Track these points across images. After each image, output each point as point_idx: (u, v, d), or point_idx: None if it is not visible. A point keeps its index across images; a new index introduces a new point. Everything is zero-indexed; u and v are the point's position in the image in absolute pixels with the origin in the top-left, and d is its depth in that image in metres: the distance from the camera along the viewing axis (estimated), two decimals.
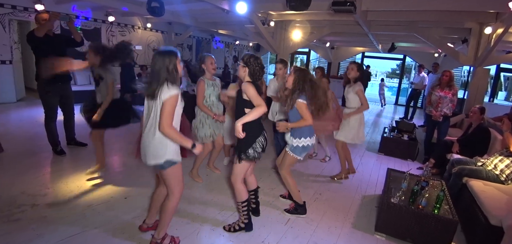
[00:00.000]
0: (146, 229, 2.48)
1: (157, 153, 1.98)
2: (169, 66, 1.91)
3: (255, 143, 2.37)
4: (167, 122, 1.88)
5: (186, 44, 12.22)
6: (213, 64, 3.22)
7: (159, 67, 1.90)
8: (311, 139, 2.82)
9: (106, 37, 8.99)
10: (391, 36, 8.96)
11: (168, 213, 2.18)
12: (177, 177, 2.11)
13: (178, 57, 1.99)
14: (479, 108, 4.31)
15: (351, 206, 3.36)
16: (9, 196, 2.85)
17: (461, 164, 3.60)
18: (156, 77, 1.91)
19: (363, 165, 4.77)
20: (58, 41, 3.92)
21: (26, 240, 2.27)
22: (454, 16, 5.56)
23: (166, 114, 1.88)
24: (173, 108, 1.91)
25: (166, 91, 1.89)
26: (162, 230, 2.23)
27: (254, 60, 2.37)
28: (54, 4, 7.35)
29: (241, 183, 2.54)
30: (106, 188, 3.22)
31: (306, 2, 4.41)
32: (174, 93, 1.90)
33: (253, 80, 2.38)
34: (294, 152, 2.80)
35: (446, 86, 4.54)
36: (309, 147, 2.83)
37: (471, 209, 2.95)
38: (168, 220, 2.23)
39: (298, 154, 2.82)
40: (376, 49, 11.60)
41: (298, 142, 2.78)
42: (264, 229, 2.74)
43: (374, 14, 6.30)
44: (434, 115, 4.62)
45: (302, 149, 2.80)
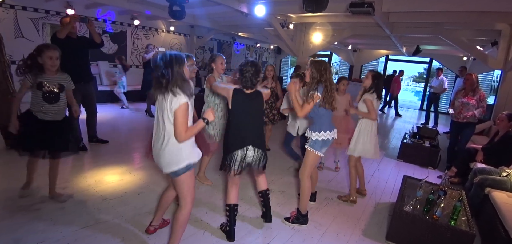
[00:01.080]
0: (154, 230, 2.48)
1: (172, 160, 1.94)
2: (175, 70, 1.86)
3: (229, 155, 2.32)
4: (182, 131, 1.86)
5: (208, 47, 12.46)
6: (223, 64, 3.21)
7: (165, 71, 1.86)
8: (331, 133, 2.71)
9: (131, 39, 9.38)
10: (416, 38, 8.63)
11: (181, 225, 2.10)
12: (190, 184, 2.06)
13: (185, 62, 1.96)
14: (507, 115, 4.05)
15: (363, 212, 3.26)
16: (33, 187, 3.04)
17: (484, 174, 3.39)
18: (163, 80, 1.87)
19: (380, 171, 4.62)
20: (79, 43, 4.11)
21: (42, 229, 2.41)
22: (482, 17, 5.24)
23: (180, 124, 1.86)
24: (186, 117, 1.89)
25: (174, 100, 1.85)
26: (175, 243, 2.16)
27: (245, 66, 2.30)
28: (84, 9, 7.77)
29: (232, 186, 2.49)
30: (121, 184, 3.35)
31: (323, 4, 4.36)
32: (183, 102, 1.86)
33: (245, 87, 2.32)
34: (314, 146, 2.69)
35: (470, 92, 4.29)
36: (330, 141, 2.72)
37: (493, 222, 2.77)
38: (181, 233, 2.14)
39: (318, 148, 2.69)
40: (400, 52, 11.20)
41: (317, 135, 2.66)
42: (270, 231, 2.73)
43: (396, 15, 6.10)
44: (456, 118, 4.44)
45: (322, 143, 2.68)
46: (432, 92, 8.67)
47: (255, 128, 2.40)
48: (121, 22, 8.92)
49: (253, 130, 2.38)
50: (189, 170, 2.02)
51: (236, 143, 2.32)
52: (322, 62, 2.65)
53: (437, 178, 4.50)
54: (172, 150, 1.94)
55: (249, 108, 2.35)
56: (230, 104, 2.29)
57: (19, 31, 6.82)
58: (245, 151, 2.34)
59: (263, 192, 2.76)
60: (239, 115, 2.32)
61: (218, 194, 3.35)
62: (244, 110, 2.33)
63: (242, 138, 2.33)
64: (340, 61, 15.31)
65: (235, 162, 2.33)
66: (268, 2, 6.05)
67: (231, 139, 2.33)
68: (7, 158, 3.82)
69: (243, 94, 2.32)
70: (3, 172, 3.43)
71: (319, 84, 2.59)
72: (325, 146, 2.73)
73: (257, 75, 2.33)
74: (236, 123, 2.33)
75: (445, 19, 5.73)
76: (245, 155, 2.35)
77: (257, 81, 2.36)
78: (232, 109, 2.30)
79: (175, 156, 1.94)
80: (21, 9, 6.79)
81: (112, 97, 7.93)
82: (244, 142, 2.33)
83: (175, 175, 1.99)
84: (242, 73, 2.30)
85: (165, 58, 1.88)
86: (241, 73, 2.30)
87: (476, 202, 3.20)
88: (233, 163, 2.33)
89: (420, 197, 2.91)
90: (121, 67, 7.49)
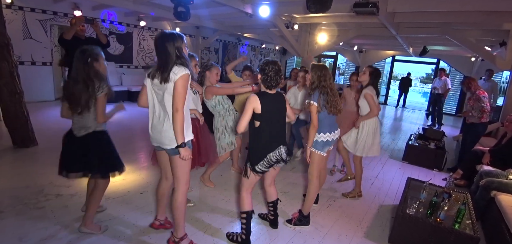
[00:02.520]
0: (159, 225, 2.52)
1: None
2: (177, 47, 1.89)
3: (264, 160, 2.28)
4: (180, 104, 1.86)
5: (213, 48, 12.51)
6: (218, 75, 3.06)
7: (167, 49, 1.88)
8: (331, 134, 2.72)
9: (138, 40, 9.48)
10: (422, 39, 8.52)
11: (179, 208, 2.15)
12: (186, 165, 2.09)
13: (184, 41, 1.97)
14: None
15: (366, 215, 3.23)
16: (38, 185, 3.10)
17: (490, 176, 3.32)
18: (165, 60, 1.88)
19: (385, 173, 4.57)
20: (86, 43, 4.12)
21: (46, 227, 2.45)
22: (490, 17, 5.14)
23: (178, 95, 1.86)
24: (185, 89, 1.89)
25: (176, 72, 1.86)
26: (179, 229, 2.21)
27: (267, 65, 2.25)
28: (91, 10, 7.88)
29: (247, 192, 2.42)
30: (124, 183, 3.38)
31: (326, 4, 4.34)
32: (185, 73, 1.87)
33: (268, 87, 2.27)
34: (315, 147, 2.71)
35: (469, 93, 4.36)
36: (330, 142, 2.73)
37: (498, 226, 2.71)
38: (182, 216, 2.19)
39: (320, 149, 2.71)
40: (407, 53, 11.07)
41: (317, 136, 2.69)
42: (271, 232, 2.72)
43: (402, 15, 6.03)
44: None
45: (322, 145, 2.70)
46: (436, 93, 8.57)
47: (283, 127, 2.41)
48: (127, 23, 9.02)
49: (281, 129, 2.38)
50: (191, 146, 2.05)
51: (270, 146, 2.28)
52: (322, 67, 2.65)
53: (442, 180, 4.43)
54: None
55: (276, 110, 2.32)
56: (259, 109, 2.19)
57: (27, 32, 6.95)
58: (278, 152, 2.31)
59: (274, 202, 2.68)
60: (269, 118, 2.26)
61: (219, 195, 3.35)
62: (272, 112, 2.28)
63: (275, 140, 2.30)
64: (346, 62, 15.21)
65: (270, 163, 2.29)
66: (272, 2, 6.04)
67: (263, 143, 2.27)
68: (13, 156, 3.90)
69: (268, 96, 2.26)
70: (8, 170, 3.49)
71: (315, 91, 2.60)
72: (326, 147, 2.73)
73: (279, 73, 2.28)
74: (266, 126, 2.26)
75: (452, 19, 5.63)
76: (280, 154, 2.33)
77: (281, 79, 2.31)
78: (262, 114, 2.21)
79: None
80: (30, 10, 6.92)
81: (117, 97, 8.02)
82: (277, 143, 2.31)
83: (176, 153, 2.00)
84: (264, 72, 2.24)
85: (166, 35, 1.93)
86: (263, 73, 2.25)
87: (481, 205, 3.14)
88: (266, 166, 2.29)
89: (424, 199, 2.87)
90: None
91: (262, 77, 2.27)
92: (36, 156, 3.96)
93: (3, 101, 4.01)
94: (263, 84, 2.29)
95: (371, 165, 4.82)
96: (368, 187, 3.95)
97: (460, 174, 4.09)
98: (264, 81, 2.27)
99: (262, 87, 2.32)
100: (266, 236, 2.67)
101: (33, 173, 3.41)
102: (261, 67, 2.28)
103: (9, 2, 6.31)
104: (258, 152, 2.29)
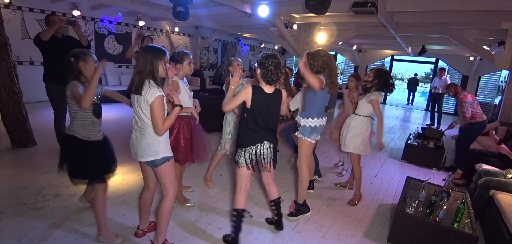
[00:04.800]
0: (142, 234, 2.46)
1: (150, 150, 1.97)
2: (154, 64, 1.88)
3: (243, 150, 2.27)
4: (160, 124, 1.87)
5: (212, 48, 12.50)
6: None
7: (143, 64, 1.87)
8: (319, 120, 2.76)
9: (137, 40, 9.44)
10: (421, 38, 8.55)
11: (165, 215, 2.13)
12: (171, 174, 2.09)
13: (166, 56, 1.95)
14: None
15: (365, 214, 3.24)
16: (37, 186, 3.09)
17: (489, 175, 3.33)
18: (139, 73, 1.88)
19: (384, 173, 4.57)
20: (65, 44, 3.77)
21: (45, 227, 2.45)
22: (489, 16, 5.16)
23: (158, 118, 1.86)
24: (162, 109, 1.90)
25: (149, 93, 1.85)
26: (161, 235, 2.18)
27: (266, 59, 2.19)
28: (89, 10, 7.88)
29: (240, 190, 2.36)
30: (123, 183, 3.38)
31: (326, 4, 4.33)
32: (159, 94, 1.86)
33: (268, 82, 2.22)
34: (303, 133, 2.75)
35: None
36: (318, 128, 2.76)
37: (497, 225, 2.72)
38: (166, 223, 2.17)
39: (307, 135, 2.75)
40: (406, 53, 11.09)
41: (305, 121, 2.73)
42: (270, 231, 2.72)
43: (401, 15, 6.05)
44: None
45: (311, 130, 2.74)
46: (434, 92, 8.58)
47: (272, 125, 2.35)
48: (126, 23, 9.01)
49: (269, 127, 2.32)
50: (168, 161, 2.04)
51: (253, 139, 2.26)
52: (319, 51, 2.69)
53: (442, 180, 4.44)
54: (150, 141, 1.97)
55: (268, 108, 2.26)
56: (249, 103, 2.19)
57: (26, 32, 6.93)
58: (260, 147, 2.29)
59: (276, 200, 2.62)
60: (258, 113, 2.23)
61: (219, 196, 3.35)
62: (262, 108, 2.23)
63: (260, 134, 2.28)
64: (345, 62, 15.23)
65: (251, 157, 2.28)
66: (271, 2, 6.04)
67: (246, 134, 2.26)
68: (11, 157, 3.89)
69: (262, 93, 2.22)
70: (7, 171, 3.48)
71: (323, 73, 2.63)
72: (314, 133, 2.77)
73: (280, 67, 2.23)
74: (252, 120, 2.23)
75: (450, 19, 5.65)
76: (261, 150, 2.30)
77: (281, 74, 2.27)
78: (251, 107, 2.20)
79: (153, 146, 1.97)
80: (28, 10, 6.91)
81: None
82: (261, 139, 2.29)
83: (153, 165, 2.02)
84: (264, 66, 2.19)
85: (147, 49, 1.93)
86: (263, 67, 2.19)
87: (480, 204, 3.15)
88: (248, 158, 2.28)
89: (423, 198, 2.87)
90: None
91: (261, 72, 2.21)
92: (35, 156, 3.95)
93: (2, 101, 3.99)
94: (262, 79, 2.23)
95: (370, 164, 4.83)
96: (367, 186, 3.95)
97: (460, 174, 4.09)
98: (264, 76, 2.21)
99: (260, 82, 2.26)
100: (265, 235, 2.66)
101: (32, 173, 3.40)
102: (260, 61, 2.22)
103: (8, 2, 6.29)
104: (239, 143, 2.30)
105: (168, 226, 2.56)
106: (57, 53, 3.48)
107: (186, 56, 2.54)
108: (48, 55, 3.76)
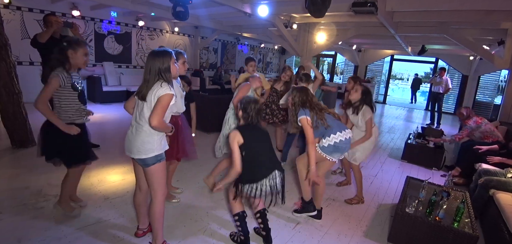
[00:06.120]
0: (142, 234, 2.46)
1: (143, 148, 1.97)
2: (162, 67, 1.90)
3: (250, 183, 2.21)
4: (159, 117, 1.87)
5: (212, 47, 12.50)
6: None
7: (152, 68, 1.91)
8: (341, 134, 2.67)
9: (136, 40, 9.46)
10: (421, 38, 8.56)
11: (157, 218, 2.14)
12: (161, 177, 2.09)
13: (173, 57, 1.98)
14: None
15: (365, 214, 3.24)
16: (37, 186, 3.09)
17: (489, 175, 3.33)
18: (148, 78, 1.91)
19: (384, 172, 4.57)
20: (61, 42, 3.88)
21: (44, 227, 2.44)
22: (488, 16, 5.17)
23: (159, 109, 1.86)
24: (167, 106, 1.91)
25: (160, 89, 1.88)
26: (157, 237, 2.20)
27: (248, 104, 2.25)
28: (89, 10, 7.88)
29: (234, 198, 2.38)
30: (123, 183, 3.38)
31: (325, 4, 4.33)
32: (169, 92, 1.89)
33: (248, 124, 2.26)
34: (324, 150, 2.70)
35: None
36: (343, 142, 2.66)
37: (497, 224, 2.72)
38: (160, 225, 2.18)
39: (328, 153, 2.67)
40: (406, 52, 11.10)
41: (328, 140, 2.66)
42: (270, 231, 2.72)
43: (400, 15, 6.05)
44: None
45: (334, 148, 2.65)
46: (435, 92, 8.59)
47: (271, 150, 2.33)
48: (126, 23, 9.00)
49: (270, 153, 2.31)
50: (159, 162, 2.05)
51: (261, 172, 2.21)
52: (304, 89, 2.70)
53: (441, 176, 4.45)
54: (144, 138, 1.98)
55: (259, 137, 2.28)
56: (242, 140, 2.18)
57: (25, 33, 6.93)
58: (272, 179, 2.23)
59: (261, 211, 2.45)
60: (254, 145, 2.24)
61: (220, 195, 3.34)
62: (256, 139, 2.25)
63: (266, 165, 2.24)
64: (345, 61, 15.23)
65: (262, 191, 2.21)
66: (271, 2, 6.04)
67: (253, 169, 2.22)
68: (11, 157, 3.88)
69: (249, 127, 2.25)
70: (7, 171, 3.48)
71: (302, 108, 2.63)
72: (337, 151, 2.70)
73: (261, 113, 2.31)
74: (252, 153, 2.23)
75: (450, 18, 5.66)
76: (274, 182, 2.24)
77: (261, 119, 2.35)
78: (245, 143, 2.19)
79: (146, 144, 1.98)
80: (28, 10, 6.91)
81: (117, 97, 8.01)
82: (269, 169, 2.24)
83: (145, 164, 2.03)
84: (246, 111, 2.25)
85: (154, 53, 1.96)
86: (245, 112, 2.25)
87: (480, 203, 3.15)
88: (259, 192, 2.21)
89: (423, 198, 2.88)
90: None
91: (243, 115, 2.27)
92: (35, 157, 3.87)
93: (2, 102, 3.99)
94: (243, 121, 2.29)
95: (370, 164, 4.83)
96: (367, 186, 3.95)
97: (459, 171, 4.09)
98: (245, 119, 2.27)
99: (241, 122, 2.31)
100: None
101: (32, 173, 3.40)
102: (243, 105, 2.26)
103: (7, 2, 6.29)
104: (247, 179, 2.23)
105: (168, 227, 2.59)
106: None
107: (180, 56, 2.53)
108: (47, 56, 3.76)
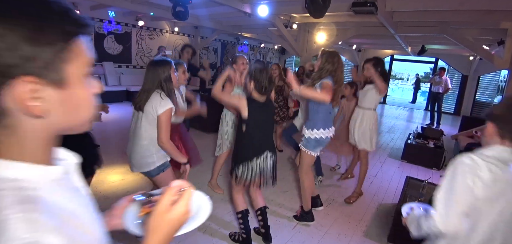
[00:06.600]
0: None
1: (144, 162, 1.97)
2: (163, 76, 1.89)
3: (243, 164, 2.18)
4: (166, 136, 1.87)
5: (212, 47, 12.50)
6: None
7: (152, 78, 1.89)
8: (325, 131, 2.58)
9: (136, 40, 9.46)
10: (421, 38, 8.54)
11: None
12: (170, 181, 2.08)
13: (173, 67, 1.96)
14: None
15: (365, 214, 3.24)
16: None
17: None
18: (147, 88, 1.90)
19: (384, 172, 4.58)
20: None
21: None
22: (488, 15, 5.16)
23: (164, 129, 1.86)
24: (169, 122, 1.90)
25: (160, 104, 1.85)
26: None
27: (260, 73, 2.13)
28: (89, 10, 7.87)
29: (237, 193, 2.38)
30: (123, 183, 3.39)
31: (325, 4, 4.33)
32: (169, 107, 1.88)
33: (262, 93, 2.17)
34: (307, 146, 2.61)
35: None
36: (323, 140, 2.60)
37: None
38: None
39: (311, 148, 2.60)
40: (405, 52, 11.09)
41: (310, 133, 2.57)
42: (270, 231, 2.72)
43: (400, 15, 6.04)
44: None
45: (316, 143, 2.58)
46: (435, 92, 8.60)
47: (270, 133, 2.32)
48: (125, 23, 9.00)
49: (268, 135, 2.30)
50: (163, 171, 2.04)
51: (253, 151, 2.20)
52: (335, 53, 2.55)
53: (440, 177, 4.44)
54: (143, 152, 1.96)
55: (263, 117, 2.24)
56: (245, 113, 2.14)
57: None
58: (263, 158, 2.22)
59: (262, 209, 2.45)
60: (256, 123, 2.19)
61: (220, 195, 3.35)
62: (259, 118, 2.21)
63: (260, 145, 2.22)
64: (345, 61, 15.24)
65: (254, 171, 2.20)
66: (271, 2, 6.04)
67: (247, 147, 2.20)
68: None
69: (256, 104, 2.19)
70: None
71: (327, 77, 2.45)
72: (319, 146, 2.63)
73: (271, 80, 2.18)
74: (252, 131, 2.18)
75: (450, 18, 5.64)
76: (265, 161, 2.23)
77: (273, 86, 2.22)
78: (248, 119, 2.15)
79: (147, 158, 1.96)
80: None
81: (117, 97, 8.00)
82: (263, 149, 2.22)
83: (149, 175, 2.02)
84: (257, 80, 2.13)
85: (154, 63, 1.94)
86: (256, 80, 2.14)
87: None
88: (251, 173, 2.19)
89: (423, 198, 2.87)
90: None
91: (255, 85, 2.15)
92: None
93: None
94: (256, 90, 2.18)
95: (370, 164, 4.76)
96: (367, 185, 3.95)
97: None
98: (259, 90, 2.16)
99: (253, 93, 2.20)
100: None
101: None
102: (254, 75, 2.14)
103: None
104: (239, 157, 2.22)
105: None
106: None
107: (180, 66, 2.48)
108: None
